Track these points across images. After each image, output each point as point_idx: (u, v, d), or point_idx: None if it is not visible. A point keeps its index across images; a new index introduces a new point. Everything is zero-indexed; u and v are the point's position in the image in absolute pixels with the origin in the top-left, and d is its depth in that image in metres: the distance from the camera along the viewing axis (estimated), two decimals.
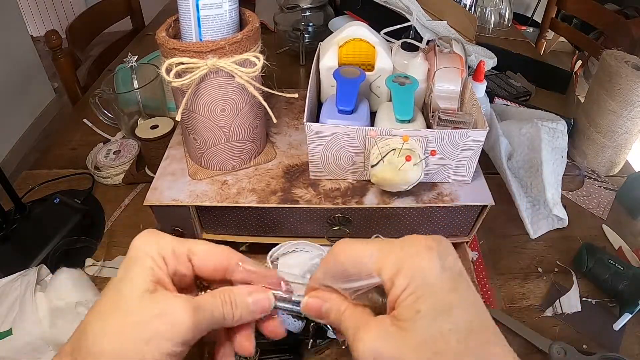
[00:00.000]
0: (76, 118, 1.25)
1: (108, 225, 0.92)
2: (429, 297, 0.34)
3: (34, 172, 1.06)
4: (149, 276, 0.38)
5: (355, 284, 0.38)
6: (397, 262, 0.36)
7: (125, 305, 0.36)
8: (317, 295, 0.42)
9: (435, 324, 0.33)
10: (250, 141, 0.73)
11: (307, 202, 0.68)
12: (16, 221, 0.87)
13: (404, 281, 0.35)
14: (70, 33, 1.57)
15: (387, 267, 0.36)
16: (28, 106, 3.04)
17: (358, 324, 0.37)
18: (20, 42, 2.98)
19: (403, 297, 0.35)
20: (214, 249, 0.42)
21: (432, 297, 0.34)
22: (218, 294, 0.41)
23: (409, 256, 0.36)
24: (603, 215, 0.95)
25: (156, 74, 1.05)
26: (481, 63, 0.87)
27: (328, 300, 0.41)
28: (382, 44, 0.79)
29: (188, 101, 0.65)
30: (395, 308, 0.35)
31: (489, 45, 1.28)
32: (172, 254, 0.39)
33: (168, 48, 0.61)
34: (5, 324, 0.67)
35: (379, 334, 0.35)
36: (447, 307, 0.34)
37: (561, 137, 0.90)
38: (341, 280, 0.39)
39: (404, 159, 0.61)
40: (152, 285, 0.37)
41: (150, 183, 0.72)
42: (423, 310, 0.34)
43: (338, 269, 0.39)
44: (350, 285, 0.39)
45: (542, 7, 2.42)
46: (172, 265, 0.39)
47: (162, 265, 0.39)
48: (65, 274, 0.74)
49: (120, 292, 0.37)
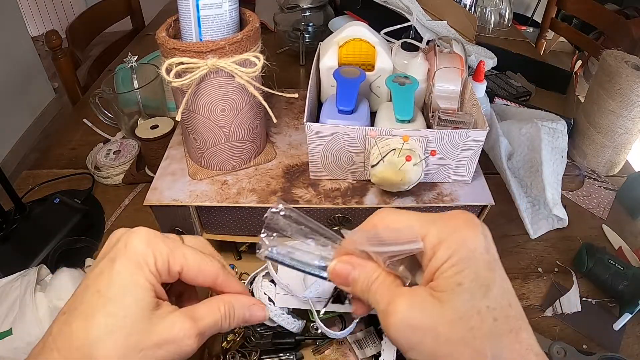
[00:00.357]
0: (76, 118, 1.25)
1: (108, 225, 0.92)
2: (471, 272, 0.34)
3: (34, 172, 1.06)
4: (151, 290, 0.37)
5: (394, 247, 0.37)
6: (440, 232, 0.35)
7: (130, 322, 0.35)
8: (347, 260, 0.40)
9: (475, 299, 0.33)
10: (250, 141, 0.73)
11: (307, 202, 0.68)
12: (16, 221, 0.87)
13: (446, 252, 0.35)
14: (70, 33, 1.57)
15: (430, 236, 0.36)
16: (28, 106, 3.04)
17: (391, 293, 0.36)
18: (20, 42, 2.98)
19: (444, 268, 0.34)
20: (204, 265, 0.42)
21: (474, 272, 0.34)
22: (222, 307, 0.41)
23: (453, 229, 0.36)
24: (603, 215, 0.95)
25: (156, 74, 1.05)
26: (481, 63, 0.87)
27: (357, 267, 0.39)
28: (382, 44, 0.79)
29: (188, 101, 0.65)
30: (434, 279, 0.35)
31: (489, 45, 1.29)
32: (167, 267, 0.39)
33: (168, 48, 0.61)
34: (5, 324, 0.66)
35: (414, 303, 0.35)
36: (487, 285, 0.34)
37: (561, 137, 0.90)
38: (378, 244, 0.37)
39: (404, 159, 0.61)
40: (154, 301, 0.37)
41: (150, 183, 0.72)
42: (465, 284, 0.33)
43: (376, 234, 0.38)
44: (389, 249, 0.37)
45: (542, 7, 2.42)
46: (164, 276, 0.39)
47: (158, 277, 0.38)
48: (66, 274, 0.74)
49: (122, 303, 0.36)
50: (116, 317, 0.35)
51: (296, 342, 0.67)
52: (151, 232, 0.39)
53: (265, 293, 0.65)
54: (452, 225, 0.36)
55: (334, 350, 0.70)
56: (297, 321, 0.66)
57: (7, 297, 0.70)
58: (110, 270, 0.36)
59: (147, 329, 0.36)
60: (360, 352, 0.67)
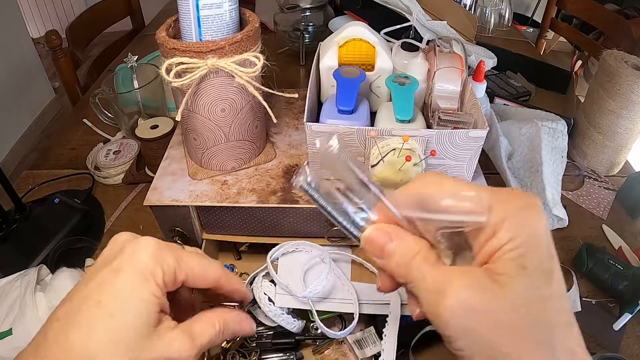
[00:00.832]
0: (76, 118, 1.25)
1: (108, 225, 0.92)
2: (536, 257, 0.31)
3: (34, 172, 1.06)
4: (156, 305, 0.36)
5: (453, 217, 0.32)
6: (504, 210, 0.31)
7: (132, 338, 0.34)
8: (385, 228, 0.35)
9: (538, 286, 0.30)
10: (250, 141, 0.73)
11: (307, 202, 0.68)
12: (16, 221, 0.87)
13: (508, 233, 0.31)
14: (70, 33, 1.57)
15: (494, 212, 0.31)
16: (28, 106, 3.05)
17: (440, 272, 0.33)
18: (20, 43, 2.99)
19: (505, 249, 0.31)
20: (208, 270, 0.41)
21: (539, 258, 0.31)
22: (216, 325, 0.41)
23: (518, 208, 0.32)
24: (603, 215, 0.95)
25: (156, 74, 1.06)
26: (481, 63, 0.87)
27: (396, 238, 0.35)
28: (382, 44, 0.79)
29: (188, 101, 0.65)
30: (491, 261, 0.32)
31: (489, 45, 1.29)
32: (173, 278, 0.38)
33: (168, 48, 0.61)
34: (5, 324, 0.67)
35: (473, 285, 0.31)
36: (550, 272, 0.31)
37: (561, 137, 0.90)
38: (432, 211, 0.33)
39: (404, 159, 0.61)
40: (157, 316, 0.36)
41: (150, 183, 0.72)
42: (530, 268, 0.30)
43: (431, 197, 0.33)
44: (445, 217, 0.32)
45: (542, 7, 2.43)
46: (169, 288, 0.38)
47: (164, 290, 0.37)
48: (66, 274, 0.74)
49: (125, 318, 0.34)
50: (118, 333, 0.34)
51: (296, 342, 0.67)
52: (157, 244, 0.38)
53: (265, 293, 0.66)
54: (517, 205, 0.32)
55: (333, 350, 0.70)
56: (297, 321, 0.66)
57: (7, 297, 0.70)
58: (114, 282, 0.35)
59: (148, 346, 0.35)
60: (360, 352, 0.67)
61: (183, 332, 0.38)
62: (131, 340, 0.34)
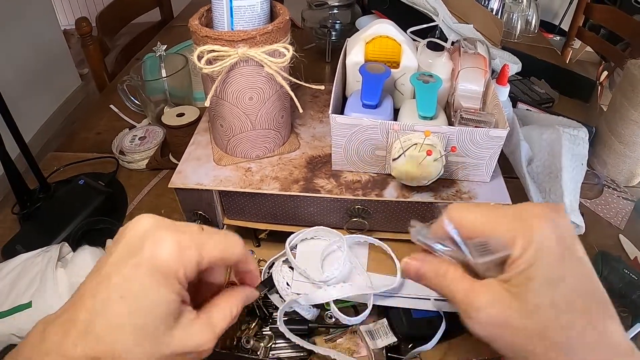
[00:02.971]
0: (103, 104, 1.27)
1: (130, 209, 0.94)
2: (542, 266, 0.35)
3: (59, 155, 1.09)
4: (178, 302, 0.37)
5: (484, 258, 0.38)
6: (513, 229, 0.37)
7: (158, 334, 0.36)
8: (417, 257, 0.43)
9: (546, 294, 0.34)
10: (276, 130, 0.75)
11: (328, 192, 0.70)
12: (40, 200, 0.89)
13: (519, 248, 0.36)
14: (100, 21, 1.60)
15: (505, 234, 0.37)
16: (54, 92, 3.10)
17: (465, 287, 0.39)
18: (49, 30, 3.05)
19: (518, 263, 0.36)
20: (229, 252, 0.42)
21: (545, 266, 0.35)
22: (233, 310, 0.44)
23: (524, 222, 0.37)
24: (620, 225, 0.94)
25: (184, 63, 1.08)
26: (505, 67, 0.87)
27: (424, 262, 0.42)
28: (408, 42, 0.80)
29: (217, 88, 0.66)
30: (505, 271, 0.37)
31: (514, 51, 1.28)
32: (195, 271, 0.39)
33: (200, 36, 0.63)
34: (26, 296, 0.68)
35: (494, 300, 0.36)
36: (558, 278, 0.35)
37: (582, 144, 0.90)
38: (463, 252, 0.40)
39: (425, 154, 0.62)
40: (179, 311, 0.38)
41: (173, 170, 0.74)
42: (536, 278, 0.35)
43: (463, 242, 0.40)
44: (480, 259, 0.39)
45: (569, 16, 2.41)
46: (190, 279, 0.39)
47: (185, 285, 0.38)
48: (87, 252, 0.76)
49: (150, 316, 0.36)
50: (145, 331, 0.35)
51: (309, 330, 0.68)
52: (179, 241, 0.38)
53: (284, 278, 0.67)
54: (523, 219, 0.37)
55: (346, 340, 0.71)
56: (312, 308, 0.67)
57: (29, 271, 0.71)
58: (136, 280, 0.36)
59: (170, 340, 0.37)
60: (372, 343, 0.68)
61: (204, 323, 0.40)
62: (154, 337, 0.36)
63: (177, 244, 0.37)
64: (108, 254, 0.38)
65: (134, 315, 0.35)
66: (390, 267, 0.71)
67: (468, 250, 0.39)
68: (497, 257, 0.37)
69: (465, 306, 0.38)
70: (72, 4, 4.25)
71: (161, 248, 0.37)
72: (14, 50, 2.68)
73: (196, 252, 0.38)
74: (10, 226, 0.89)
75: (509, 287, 0.36)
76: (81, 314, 0.35)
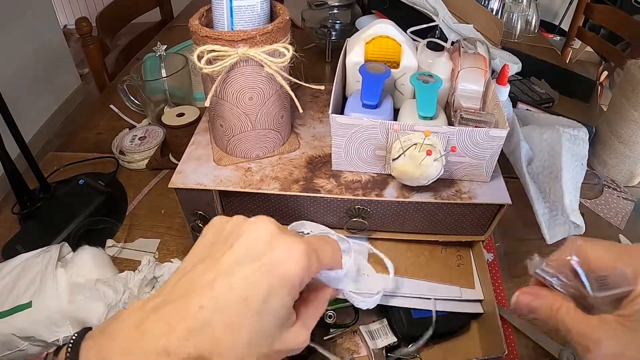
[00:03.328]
0: (103, 104, 1.27)
1: (130, 209, 0.94)
2: None
3: (59, 154, 1.09)
4: (291, 308, 0.39)
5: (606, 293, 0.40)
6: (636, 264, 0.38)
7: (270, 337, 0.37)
8: (528, 291, 0.44)
9: None
10: (276, 130, 0.75)
11: (328, 192, 0.70)
12: (40, 200, 0.89)
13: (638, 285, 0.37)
14: (100, 20, 1.60)
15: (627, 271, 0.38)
16: (54, 92, 3.10)
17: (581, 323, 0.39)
18: (49, 30, 3.05)
19: (638, 299, 0.37)
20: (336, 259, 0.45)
21: None
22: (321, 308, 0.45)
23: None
24: (620, 225, 0.95)
25: (184, 63, 1.08)
26: (505, 67, 0.87)
27: (537, 297, 0.43)
28: (408, 42, 0.80)
29: (217, 88, 0.66)
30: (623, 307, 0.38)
31: (514, 51, 1.28)
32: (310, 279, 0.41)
33: (200, 36, 0.63)
34: (26, 296, 0.68)
35: (608, 336, 0.37)
36: None
37: (582, 144, 0.90)
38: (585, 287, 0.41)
39: (425, 154, 0.62)
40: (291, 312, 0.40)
41: (173, 170, 0.73)
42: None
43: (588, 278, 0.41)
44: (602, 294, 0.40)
45: (569, 16, 2.41)
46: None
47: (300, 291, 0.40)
48: (87, 252, 0.76)
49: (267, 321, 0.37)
50: (262, 333, 0.37)
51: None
52: (307, 250, 0.39)
53: None
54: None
55: (346, 340, 0.71)
56: None
57: (29, 271, 0.71)
58: (262, 284, 0.37)
59: (279, 341, 0.38)
60: (372, 343, 0.68)
61: (303, 325, 0.42)
62: (268, 339, 0.37)
63: (305, 253, 0.39)
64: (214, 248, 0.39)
65: (255, 319, 0.36)
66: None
67: (589, 285, 0.40)
68: (619, 292, 0.39)
69: (583, 340, 0.38)
70: (72, 4, 4.25)
71: (292, 257, 0.38)
72: (14, 50, 2.68)
73: (317, 262, 0.40)
74: (10, 226, 0.90)
75: (626, 322, 0.37)
76: (194, 307, 0.35)
